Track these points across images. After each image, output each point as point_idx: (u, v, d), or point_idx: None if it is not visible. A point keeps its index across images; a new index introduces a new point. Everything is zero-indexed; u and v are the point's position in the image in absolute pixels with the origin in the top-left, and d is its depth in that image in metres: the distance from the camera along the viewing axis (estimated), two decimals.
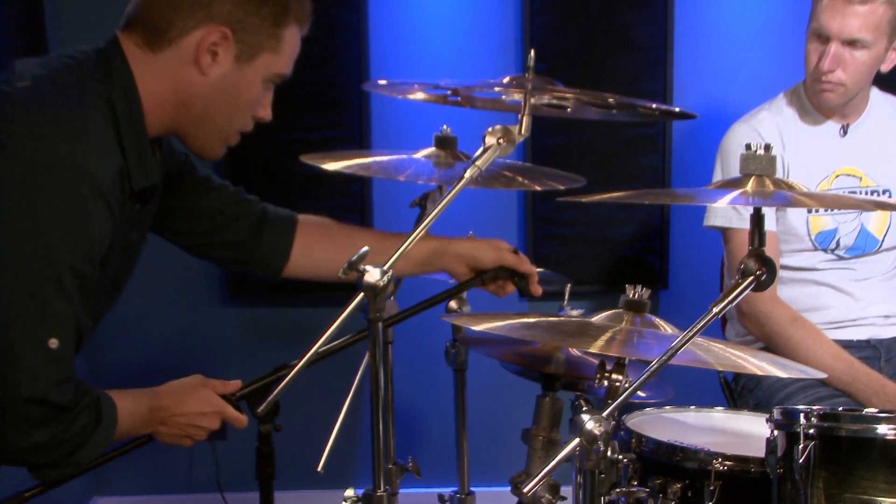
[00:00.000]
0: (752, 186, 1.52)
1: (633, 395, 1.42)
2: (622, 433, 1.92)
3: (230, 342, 3.46)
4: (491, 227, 3.37)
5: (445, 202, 1.59)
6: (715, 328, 2.78)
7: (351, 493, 1.67)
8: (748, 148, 1.55)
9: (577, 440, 1.36)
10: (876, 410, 1.80)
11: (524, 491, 1.36)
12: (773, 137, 2.52)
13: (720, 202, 1.52)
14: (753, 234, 1.49)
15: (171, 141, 1.88)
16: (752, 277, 1.46)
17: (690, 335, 1.40)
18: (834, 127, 2.59)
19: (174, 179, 1.93)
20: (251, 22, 1.70)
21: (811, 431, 1.61)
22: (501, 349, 2.08)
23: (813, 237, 2.54)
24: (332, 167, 2.08)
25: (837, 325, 2.57)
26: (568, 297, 2.05)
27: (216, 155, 1.81)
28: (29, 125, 1.58)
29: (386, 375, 2.05)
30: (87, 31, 3.17)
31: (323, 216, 2.15)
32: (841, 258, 2.57)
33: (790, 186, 1.54)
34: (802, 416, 1.63)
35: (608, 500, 1.53)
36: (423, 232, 1.59)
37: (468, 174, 1.62)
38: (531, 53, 1.81)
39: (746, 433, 2.01)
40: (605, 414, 1.37)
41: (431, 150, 2.11)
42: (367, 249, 1.49)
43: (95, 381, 1.75)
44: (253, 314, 3.47)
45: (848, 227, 2.54)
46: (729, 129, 2.63)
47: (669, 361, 1.40)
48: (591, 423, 1.35)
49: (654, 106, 2.08)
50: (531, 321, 1.80)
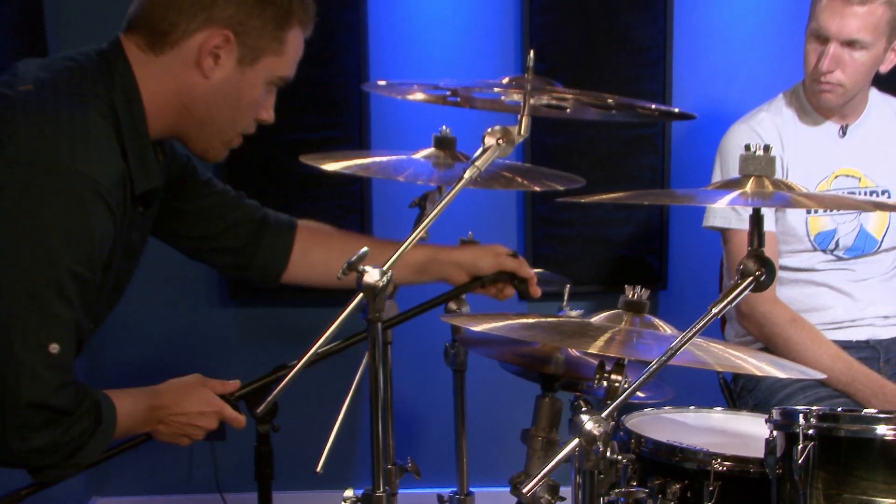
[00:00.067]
0: (751, 187, 1.52)
1: (632, 395, 1.42)
2: (621, 433, 1.92)
3: (229, 342, 3.45)
4: (490, 227, 3.37)
5: (445, 203, 1.59)
6: (714, 329, 2.79)
7: (350, 493, 1.67)
8: (747, 148, 1.54)
9: (576, 440, 1.36)
10: (875, 411, 1.80)
11: (523, 491, 1.36)
12: (772, 138, 2.52)
13: (719, 203, 1.52)
14: (753, 234, 1.49)
15: (173, 143, 1.88)
16: (751, 278, 1.46)
17: (690, 336, 1.40)
18: (833, 127, 2.58)
19: (176, 182, 1.93)
20: (254, 25, 1.69)
21: (810, 432, 1.61)
22: (501, 349, 2.08)
23: (812, 238, 2.54)
24: (331, 167, 2.08)
25: (836, 325, 2.57)
26: (567, 297, 2.05)
27: (218, 157, 1.81)
28: (30, 128, 1.58)
29: (385, 376, 2.05)
30: (86, 31, 3.21)
31: (322, 220, 2.15)
32: (840, 259, 2.57)
33: (789, 187, 1.54)
34: (801, 416, 1.63)
35: (607, 500, 1.53)
36: (422, 232, 1.59)
37: (467, 175, 1.62)
38: (530, 54, 1.81)
39: (746, 434, 2.01)
40: (604, 414, 1.37)
41: (431, 150, 2.11)
42: (366, 250, 1.49)
43: (95, 381, 1.75)
44: (252, 314, 3.47)
45: (847, 227, 2.54)
46: (728, 129, 2.63)
47: (669, 362, 1.39)
48: (590, 423, 1.35)
49: (653, 106, 2.09)
50: (530, 322, 1.80)
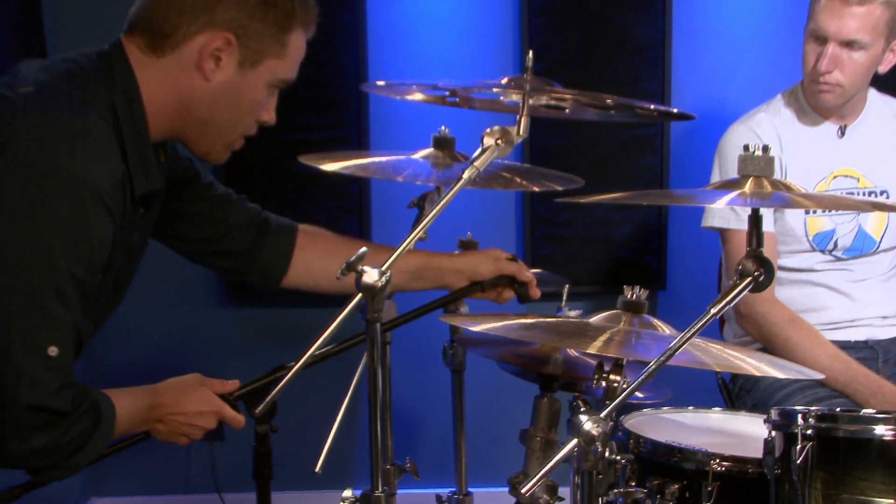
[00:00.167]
0: (749, 187, 1.52)
1: (630, 395, 1.42)
2: (620, 434, 1.92)
3: (229, 343, 3.45)
4: (489, 227, 3.37)
5: (444, 203, 1.59)
6: (713, 329, 2.79)
7: (349, 493, 1.67)
8: (746, 149, 1.54)
9: (574, 441, 1.35)
10: (873, 411, 1.80)
11: (522, 492, 1.36)
12: (770, 138, 2.52)
13: (718, 203, 1.52)
14: (751, 234, 1.49)
15: (175, 145, 1.88)
16: (749, 278, 1.46)
17: (688, 336, 1.40)
18: (832, 128, 2.58)
19: (178, 184, 1.93)
20: (255, 27, 1.69)
21: (809, 432, 1.62)
22: (499, 350, 2.08)
23: (811, 238, 2.54)
24: (330, 168, 2.08)
25: (835, 325, 2.57)
26: (566, 297, 2.05)
27: (219, 159, 1.81)
28: (29, 130, 1.58)
29: (384, 376, 2.04)
30: (85, 31, 3.22)
31: (320, 220, 2.15)
32: (839, 259, 2.57)
33: (788, 187, 1.54)
34: (800, 416, 1.63)
35: (606, 500, 1.53)
36: (421, 232, 1.59)
37: (466, 175, 1.62)
38: (529, 54, 1.81)
39: (744, 434, 2.01)
40: (603, 415, 1.37)
41: (430, 150, 2.11)
42: (364, 250, 1.49)
43: (94, 381, 1.75)
44: (251, 315, 3.47)
45: (846, 227, 2.54)
46: (727, 130, 2.62)
47: (667, 362, 1.39)
48: (588, 423, 1.35)
49: (652, 107, 2.09)
50: (529, 322, 1.80)
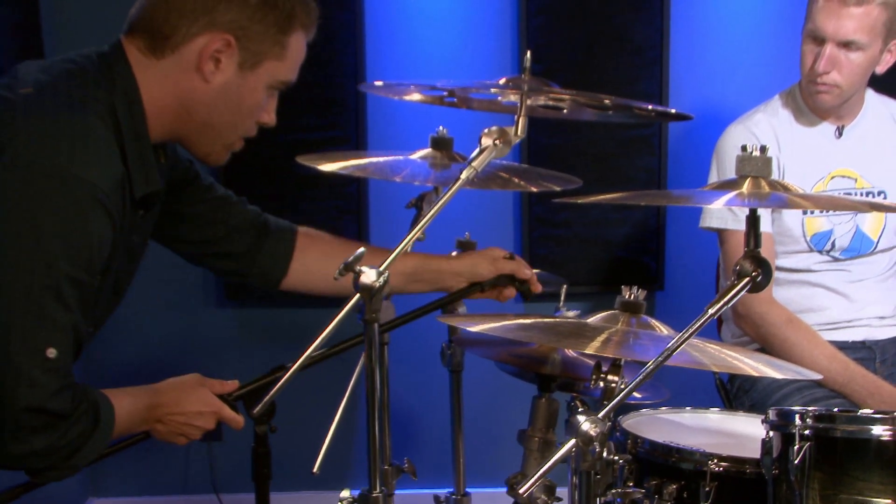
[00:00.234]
0: (747, 188, 1.52)
1: (628, 396, 1.43)
2: (618, 434, 1.92)
3: (227, 343, 3.45)
4: (487, 228, 3.37)
5: (442, 203, 1.59)
6: (711, 329, 2.78)
7: (347, 493, 1.68)
8: (744, 149, 1.54)
9: (572, 441, 1.36)
10: (871, 411, 1.80)
11: (520, 492, 1.36)
12: (768, 139, 2.52)
13: (716, 203, 1.52)
14: (749, 235, 1.49)
15: (175, 147, 1.88)
16: (747, 279, 1.46)
17: (686, 336, 1.40)
18: (829, 128, 2.59)
19: (178, 186, 1.93)
20: (255, 29, 1.68)
21: (806, 432, 1.62)
22: (497, 350, 2.08)
23: (808, 238, 2.54)
24: (328, 168, 2.08)
25: (833, 326, 2.57)
26: (564, 298, 2.05)
27: (219, 161, 1.81)
28: (29, 131, 1.58)
29: (382, 376, 2.04)
30: (83, 32, 3.22)
31: (318, 221, 2.16)
32: (836, 259, 2.57)
33: (786, 188, 1.54)
34: (798, 417, 1.63)
35: (604, 500, 1.53)
36: (419, 232, 1.59)
37: (464, 175, 1.63)
38: (527, 55, 1.81)
39: (742, 434, 2.02)
40: (600, 415, 1.37)
41: (428, 151, 2.11)
42: (362, 251, 1.49)
43: (93, 382, 1.75)
44: (250, 315, 3.47)
45: (843, 228, 2.54)
46: (725, 130, 2.62)
47: (665, 362, 1.39)
48: (586, 424, 1.35)
49: (650, 107, 2.09)
50: (527, 322, 1.80)
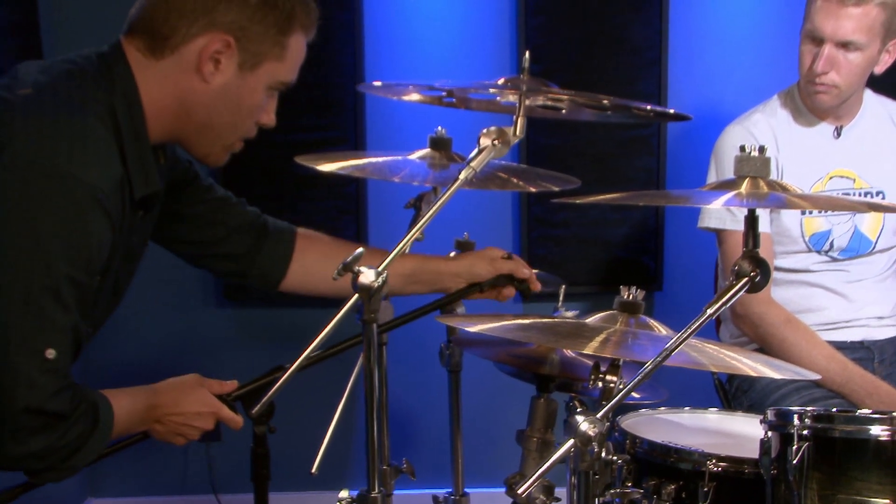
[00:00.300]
0: (746, 188, 1.52)
1: (627, 396, 1.43)
2: (616, 434, 1.92)
3: (226, 344, 3.45)
4: (486, 228, 3.37)
5: (440, 203, 1.59)
6: (709, 329, 2.78)
7: (345, 494, 1.67)
8: (742, 149, 1.54)
9: (571, 441, 1.36)
10: (869, 411, 1.80)
11: (519, 492, 1.36)
12: (767, 139, 2.52)
13: (714, 204, 1.52)
14: (747, 235, 1.49)
15: (175, 147, 1.87)
16: (746, 279, 1.46)
17: (685, 336, 1.40)
18: (828, 129, 2.59)
19: (178, 187, 1.93)
20: (255, 30, 1.68)
21: (805, 433, 1.62)
22: (496, 350, 2.08)
23: (807, 239, 2.54)
24: (326, 168, 2.08)
25: (831, 326, 2.57)
26: (562, 298, 2.05)
27: (219, 161, 1.81)
28: (28, 132, 1.57)
29: (380, 377, 2.04)
30: (81, 32, 3.22)
31: (317, 221, 2.16)
32: (835, 260, 2.57)
33: (784, 188, 1.54)
34: (796, 417, 1.63)
35: (602, 501, 1.53)
36: (418, 233, 1.59)
37: (463, 175, 1.63)
38: (526, 55, 1.80)
39: (740, 434, 2.02)
40: (599, 415, 1.37)
41: (426, 151, 2.11)
42: (361, 251, 1.49)
43: (91, 382, 1.74)
44: (248, 315, 3.46)
45: (841, 228, 2.54)
46: (723, 130, 2.63)
47: (664, 363, 1.40)
48: (585, 424, 1.35)
49: (648, 107, 2.09)
50: (526, 322, 1.80)
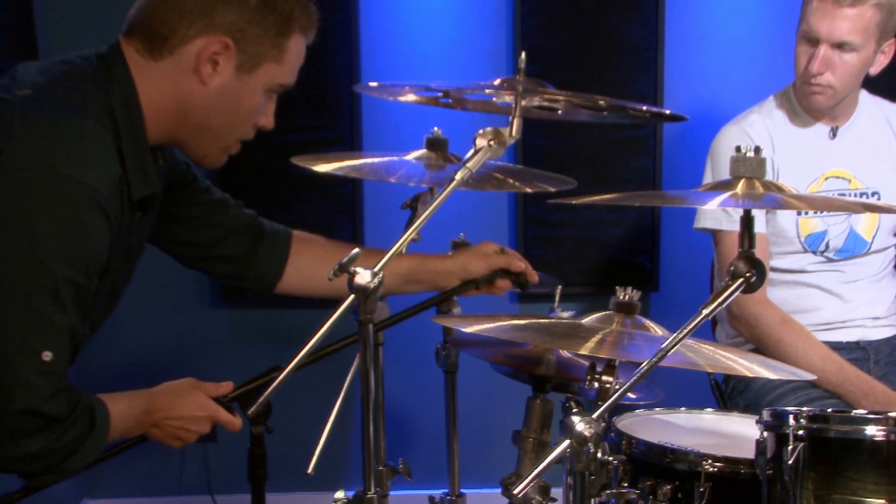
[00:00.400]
0: (741, 188, 1.52)
1: (623, 396, 1.43)
2: (612, 435, 1.93)
3: (222, 345, 3.45)
4: (482, 228, 3.37)
5: (436, 204, 1.59)
6: (705, 330, 2.79)
7: (341, 494, 1.68)
8: (738, 150, 1.55)
9: (567, 442, 1.36)
10: (865, 412, 1.81)
11: (515, 493, 1.36)
12: (762, 140, 2.53)
13: (710, 204, 1.52)
14: (743, 236, 1.49)
15: (173, 149, 1.87)
16: (741, 279, 1.46)
17: (681, 337, 1.40)
18: (823, 129, 2.59)
19: (175, 188, 1.93)
20: (254, 32, 1.68)
21: (800, 433, 1.62)
22: (492, 351, 2.08)
23: (802, 239, 2.55)
24: (323, 169, 2.08)
25: (827, 326, 2.57)
26: (558, 298, 2.05)
27: (216, 163, 1.81)
28: (27, 133, 1.57)
29: (376, 377, 2.05)
30: (76, 32, 3.22)
31: (313, 222, 2.16)
32: (830, 260, 2.57)
33: (780, 188, 1.54)
34: (792, 417, 1.64)
35: (598, 501, 1.54)
36: (414, 233, 1.59)
37: (459, 176, 1.63)
38: (522, 55, 1.81)
39: (736, 434, 2.02)
40: (595, 415, 1.37)
41: (422, 151, 2.11)
42: (357, 251, 1.49)
43: (87, 385, 1.74)
44: (244, 316, 3.46)
45: (837, 229, 2.55)
46: (719, 131, 2.63)
47: (660, 363, 1.40)
48: (581, 424, 1.35)
49: (644, 108, 2.09)
50: (522, 323, 1.80)
